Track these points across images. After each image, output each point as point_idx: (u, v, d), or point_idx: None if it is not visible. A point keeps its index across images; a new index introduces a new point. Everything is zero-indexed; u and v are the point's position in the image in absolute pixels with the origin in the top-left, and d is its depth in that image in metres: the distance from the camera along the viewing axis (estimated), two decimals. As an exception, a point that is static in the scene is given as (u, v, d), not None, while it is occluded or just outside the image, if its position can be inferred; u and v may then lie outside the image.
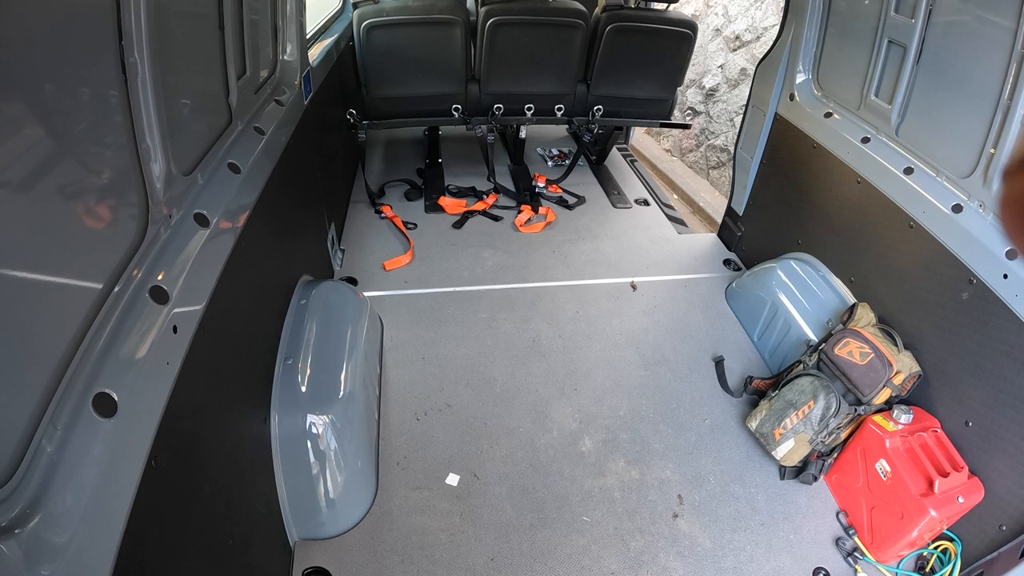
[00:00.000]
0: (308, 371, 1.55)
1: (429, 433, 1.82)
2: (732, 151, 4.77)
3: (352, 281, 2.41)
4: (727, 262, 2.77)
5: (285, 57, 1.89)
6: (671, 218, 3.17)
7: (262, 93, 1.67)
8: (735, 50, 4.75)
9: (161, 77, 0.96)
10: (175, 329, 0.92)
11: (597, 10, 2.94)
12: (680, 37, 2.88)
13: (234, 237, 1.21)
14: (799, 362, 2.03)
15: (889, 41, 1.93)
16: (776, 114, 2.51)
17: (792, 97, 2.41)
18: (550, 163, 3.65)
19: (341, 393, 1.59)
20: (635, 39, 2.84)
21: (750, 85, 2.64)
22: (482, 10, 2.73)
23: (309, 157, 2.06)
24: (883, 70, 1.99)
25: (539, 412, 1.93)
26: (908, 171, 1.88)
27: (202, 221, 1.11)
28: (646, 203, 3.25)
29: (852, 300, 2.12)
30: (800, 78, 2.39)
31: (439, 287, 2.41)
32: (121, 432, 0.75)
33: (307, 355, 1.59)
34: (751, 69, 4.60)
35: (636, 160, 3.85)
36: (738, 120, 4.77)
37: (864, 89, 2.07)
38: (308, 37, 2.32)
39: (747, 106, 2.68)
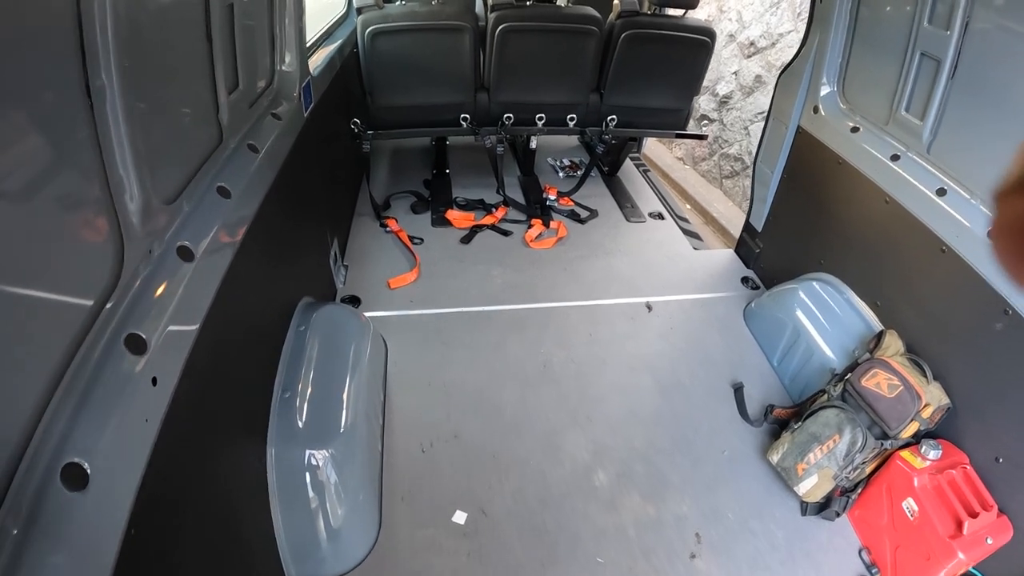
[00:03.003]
0: (307, 404, 1.49)
1: (435, 466, 1.76)
2: (745, 160, 4.69)
3: (355, 300, 2.35)
4: (745, 280, 2.70)
5: (283, 67, 1.82)
6: (686, 232, 3.09)
7: (257, 107, 1.59)
8: (749, 56, 4.67)
9: (136, 99, 0.88)
10: (154, 381, 0.85)
11: (611, 16, 2.87)
12: (697, 45, 2.80)
13: (224, 269, 1.13)
14: (823, 392, 1.96)
15: (922, 54, 1.85)
16: (799, 127, 2.43)
17: (816, 110, 2.33)
18: (561, 174, 3.57)
19: (342, 427, 1.53)
20: (650, 47, 2.76)
21: (771, 96, 2.56)
22: (491, 16, 2.67)
23: (310, 172, 2.00)
24: (914, 84, 1.90)
25: (550, 443, 1.86)
26: (940, 192, 1.80)
27: (186, 255, 1.03)
28: (660, 217, 3.17)
29: (878, 325, 2.04)
30: (824, 90, 2.31)
31: (446, 307, 2.34)
32: (95, 506, 0.69)
33: (306, 387, 1.52)
34: (766, 76, 4.52)
35: (649, 170, 3.77)
36: (753, 128, 4.69)
37: (894, 104, 1.99)
38: (309, 45, 2.26)
39: (767, 118, 2.60)
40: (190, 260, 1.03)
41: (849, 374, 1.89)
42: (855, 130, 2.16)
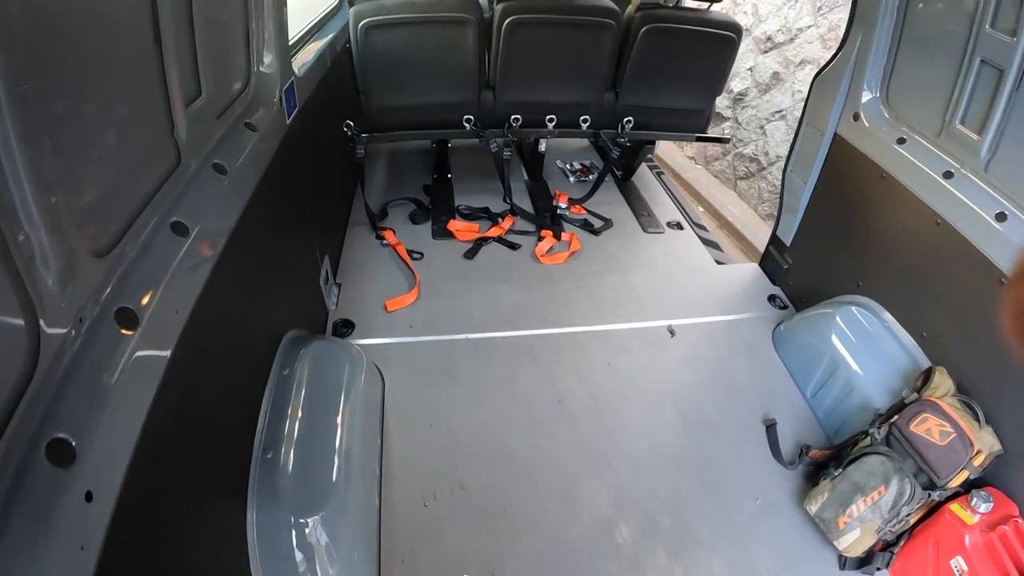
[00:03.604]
0: (292, 465, 1.31)
1: (439, 523, 1.59)
2: (761, 161, 4.52)
3: (349, 325, 2.16)
4: (772, 298, 2.53)
5: (262, 68, 1.59)
6: (705, 241, 2.93)
7: (228, 117, 1.38)
8: (766, 52, 4.47)
9: (43, 128, 0.67)
10: (89, 496, 0.67)
11: (630, 8, 2.67)
12: (722, 41, 2.62)
13: (180, 326, 0.93)
14: (864, 433, 1.81)
15: (981, 61, 1.68)
16: (836, 135, 2.26)
17: (856, 117, 2.16)
18: (572, 178, 3.36)
19: (334, 485, 1.36)
20: (672, 42, 2.57)
21: (804, 101, 2.39)
22: (498, 7, 2.46)
23: (295, 186, 1.79)
24: (972, 94, 1.73)
25: (567, 494, 1.69)
26: (1000, 217, 1.64)
27: (128, 319, 0.83)
28: (679, 226, 2.99)
29: (923, 360, 1.89)
30: (866, 96, 2.14)
31: (449, 333, 2.16)
32: None
33: (291, 442, 1.35)
34: (784, 73, 4.33)
35: (663, 172, 3.59)
36: (769, 128, 4.51)
37: (947, 115, 1.82)
38: (294, 40, 2.04)
39: (800, 123, 2.42)
40: (133, 326, 0.83)
41: (896, 416, 1.75)
42: (901, 141, 1.99)
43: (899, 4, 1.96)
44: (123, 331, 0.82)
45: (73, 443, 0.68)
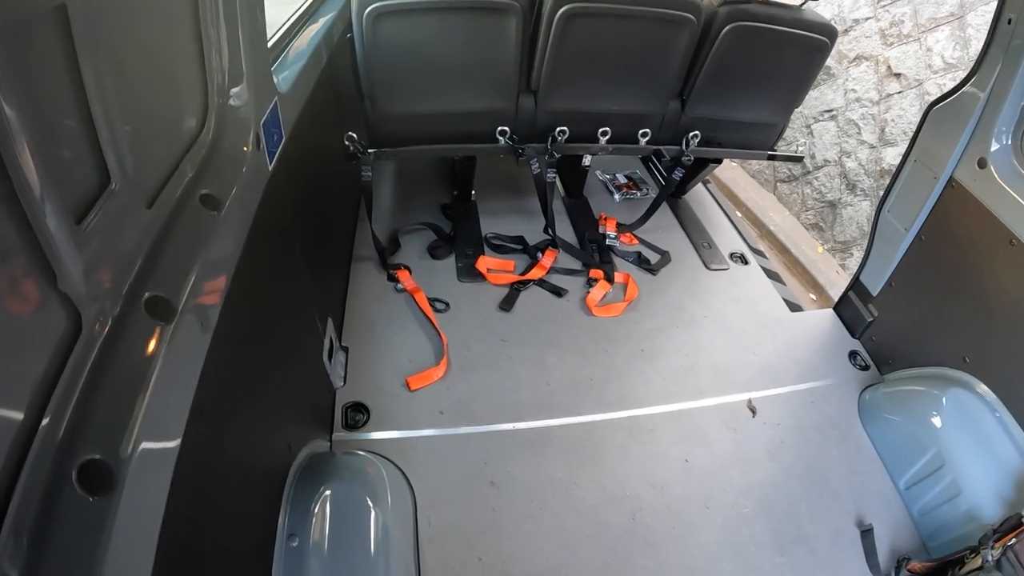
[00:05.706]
0: None
1: None
2: (807, 164, 4.30)
3: (362, 410, 1.82)
4: (853, 355, 2.35)
5: (230, 101, 1.10)
6: (768, 273, 2.71)
7: (168, 197, 0.88)
8: (818, 37, 4.20)
9: None
10: None
11: (709, 0, 2.32)
12: (815, 46, 2.32)
13: None
14: (973, 551, 1.69)
15: None
16: (952, 180, 2.03)
17: (983, 164, 1.93)
18: (617, 195, 3.04)
19: None
20: (759, 44, 2.25)
21: (915, 131, 2.14)
22: None
23: (284, 253, 1.41)
24: None
25: (655, 648, 1.50)
26: None
27: None
28: (743, 260, 2.73)
29: None
30: (997, 144, 1.91)
31: (490, 423, 1.84)
32: None
33: None
34: (836, 68, 4.09)
35: (709, 181, 3.32)
36: (816, 128, 4.27)
37: None
38: (275, 39, 1.62)
39: (905, 157, 2.18)
40: None
41: (1013, 539, 1.64)
42: None
43: None
44: None
45: None
